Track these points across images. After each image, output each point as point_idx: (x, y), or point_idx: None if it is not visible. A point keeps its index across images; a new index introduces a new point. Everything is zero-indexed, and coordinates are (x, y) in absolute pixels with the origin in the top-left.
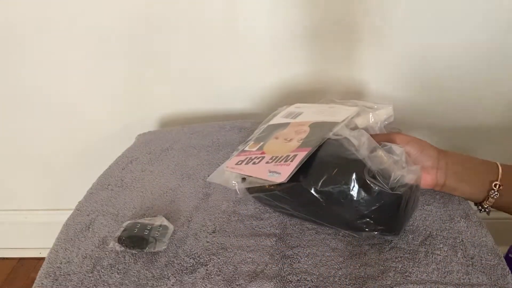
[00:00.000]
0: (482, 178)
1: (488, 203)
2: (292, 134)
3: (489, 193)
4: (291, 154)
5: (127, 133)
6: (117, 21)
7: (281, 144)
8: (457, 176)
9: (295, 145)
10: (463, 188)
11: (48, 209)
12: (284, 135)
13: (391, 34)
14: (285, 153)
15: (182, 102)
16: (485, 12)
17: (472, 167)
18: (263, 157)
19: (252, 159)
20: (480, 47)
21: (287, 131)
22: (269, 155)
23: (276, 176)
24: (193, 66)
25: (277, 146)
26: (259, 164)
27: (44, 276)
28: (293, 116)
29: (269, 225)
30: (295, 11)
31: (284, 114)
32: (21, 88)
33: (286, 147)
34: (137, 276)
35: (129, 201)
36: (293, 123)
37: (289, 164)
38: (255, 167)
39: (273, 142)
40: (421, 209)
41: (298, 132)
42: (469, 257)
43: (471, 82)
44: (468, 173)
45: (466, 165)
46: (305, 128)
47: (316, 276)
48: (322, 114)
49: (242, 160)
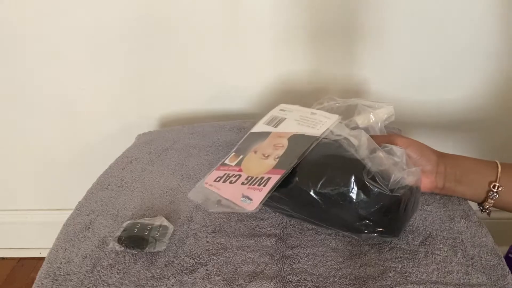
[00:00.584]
0: (481, 179)
1: (488, 204)
2: (270, 149)
3: (488, 194)
4: (265, 176)
5: (127, 133)
6: (117, 21)
7: (258, 161)
8: (456, 178)
9: (271, 164)
10: (462, 190)
11: (48, 209)
12: (262, 149)
13: (391, 34)
14: (260, 174)
15: (182, 102)
16: (485, 11)
17: (470, 169)
18: (239, 176)
19: (230, 177)
20: (480, 47)
21: (266, 144)
22: (245, 173)
23: (247, 203)
24: (193, 66)
25: (254, 163)
26: (235, 184)
27: (44, 276)
28: (275, 124)
29: (269, 225)
30: (295, 12)
31: (267, 119)
32: (21, 88)
33: (262, 166)
34: (137, 276)
35: (129, 201)
36: (273, 134)
37: (261, 190)
38: (231, 187)
39: (251, 157)
40: (421, 209)
41: (276, 147)
42: (469, 257)
43: (471, 81)
44: (466, 175)
45: (464, 167)
46: (283, 142)
47: (316, 276)
48: (303, 122)
49: (220, 177)
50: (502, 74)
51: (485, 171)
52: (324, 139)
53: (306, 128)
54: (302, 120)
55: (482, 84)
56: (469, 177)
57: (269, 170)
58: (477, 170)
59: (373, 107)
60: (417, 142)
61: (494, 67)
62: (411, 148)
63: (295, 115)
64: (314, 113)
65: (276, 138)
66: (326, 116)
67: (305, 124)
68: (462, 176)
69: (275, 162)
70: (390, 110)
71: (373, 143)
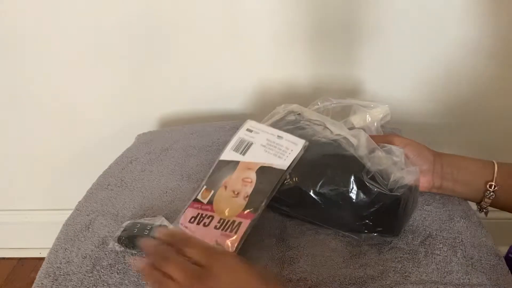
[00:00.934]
0: (477, 178)
1: (485, 203)
2: (239, 185)
3: (485, 193)
4: (237, 220)
5: (127, 133)
6: (117, 21)
7: (229, 199)
8: (453, 177)
9: (241, 204)
10: (459, 189)
11: (48, 209)
12: (232, 185)
13: (390, 34)
14: (232, 216)
15: (182, 102)
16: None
17: (467, 168)
18: (212, 218)
19: (203, 218)
20: (480, 46)
21: (235, 177)
22: (217, 215)
23: None
24: (193, 66)
25: (225, 203)
26: (209, 227)
27: (44, 276)
28: (242, 150)
29: (269, 225)
30: (296, 12)
31: (235, 143)
32: (21, 88)
33: (233, 206)
34: (137, 276)
35: (129, 201)
36: (241, 165)
37: (233, 237)
38: (204, 231)
39: (222, 194)
40: (421, 209)
41: (245, 182)
42: (469, 257)
43: (471, 81)
44: (462, 174)
45: (461, 166)
46: (251, 177)
47: (316, 276)
48: (270, 149)
49: (194, 217)
50: (502, 74)
51: (482, 170)
52: (323, 138)
53: (273, 158)
54: (269, 147)
55: (480, 85)
56: (465, 176)
57: (239, 212)
58: (473, 170)
59: (368, 107)
60: (414, 141)
61: (493, 67)
62: (409, 147)
63: (262, 139)
64: (281, 136)
65: (245, 171)
66: (292, 141)
67: (272, 152)
68: (458, 175)
69: (245, 202)
70: (385, 109)
71: (372, 142)
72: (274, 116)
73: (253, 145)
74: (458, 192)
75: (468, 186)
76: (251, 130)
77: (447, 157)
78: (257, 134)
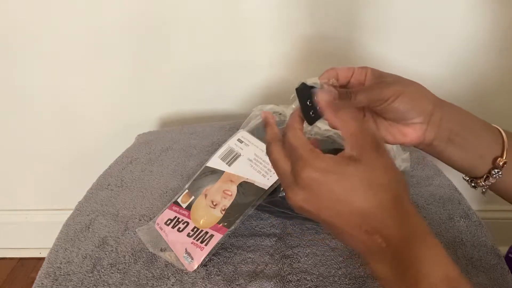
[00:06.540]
0: (483, 147)
1: (487, 182)
2: (219, 196)
3: (490, 171)
4: (209, 232)
5: (127, 133)
6: (117, 21)
7: (206, 209)
8: (450, 136)
9: (217, 217)
10: (453, 153)
11: (48, 209)
12: (212, 195)
13: (390, 34)
14: (206, 227)
15: (182, 102)
16: (485, 9)
17: (471, 128)
18: (187, 224)
19: (179, 223)
20: (480, 45)
21: (216, 187)
22: (192, 222)
23: (188, 262)
24: (193, 66)
25: (202, 212)
26: (182, 233)
27: (44, 276)
28: (229, 161)
29: (269, 225)
30: (295, 12)
31: (223, 152)
32: (20, 88)
33: (209, 217)
34: (137, 276)
35: (129, 201)
36: (225, 175)
37: (203, 249)
38: (177, 236)
39: (201, 202)
40: (421, 209)
41: (225, 194)
42: (469, 256)
43: (471, 80)
44: (464, 135)
45: (465, 125)
46: (232, 190)
47: (316, 275)
48: (256, 165)
49: (171, 220)
50: (502, 73)
51: (489, 138)
52: (316, 136)
53: (257, 175)
54: (256, 162)
55: (481, 84)
56: (467, 138)
57: (214, 224)
58: (479, 133)
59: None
60: (412, 88)
61: (494, 66)
62: (401, 98)
63: (250, 152)
64: None
65: (227, 183)
66: None
67: (257, 169)
68: (457, 134)
69: (221, 215)
70: None
71: None
72: (252, 119)
73: (241, 157)
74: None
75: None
76: (241, 141)
77: (451, 108)
78: (247, 147)
